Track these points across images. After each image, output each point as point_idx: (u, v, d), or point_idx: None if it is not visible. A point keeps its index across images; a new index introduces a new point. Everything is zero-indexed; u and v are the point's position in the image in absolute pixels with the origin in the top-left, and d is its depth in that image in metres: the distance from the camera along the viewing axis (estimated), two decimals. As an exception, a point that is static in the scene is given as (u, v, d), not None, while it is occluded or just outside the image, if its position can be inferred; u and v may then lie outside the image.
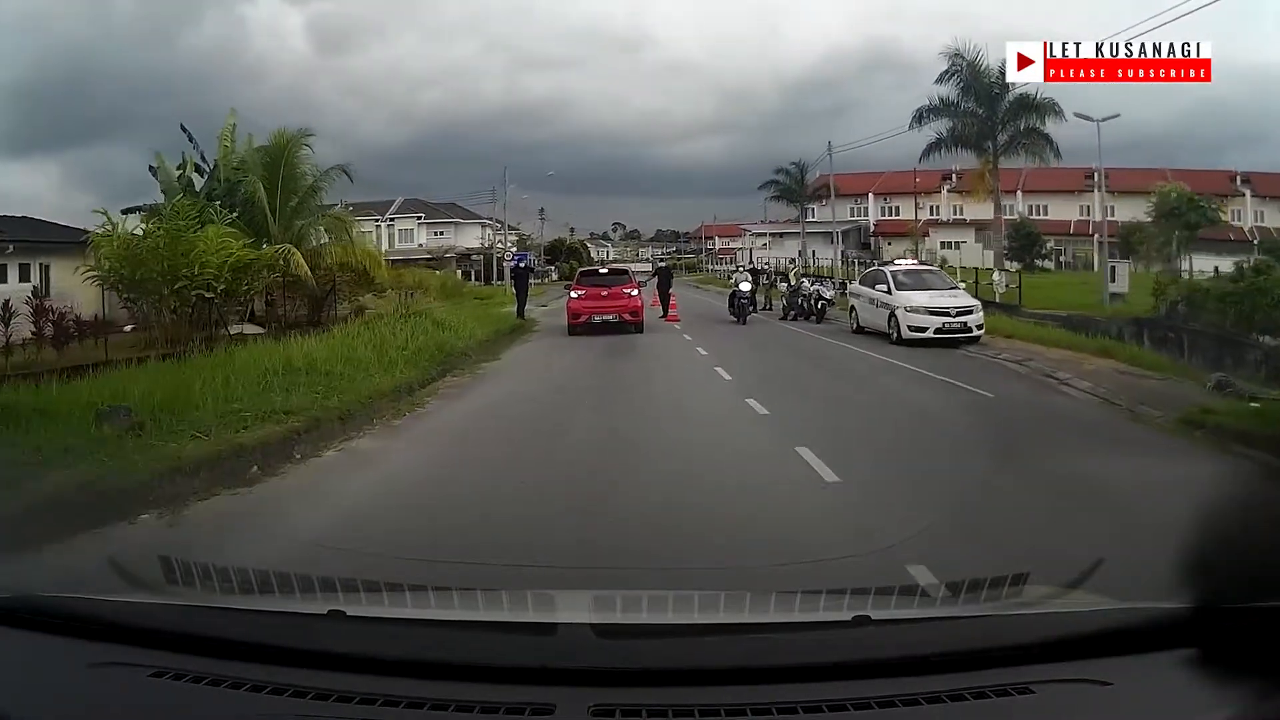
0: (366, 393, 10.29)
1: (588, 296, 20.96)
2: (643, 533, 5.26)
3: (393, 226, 71.02)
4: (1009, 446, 7.97)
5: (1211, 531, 1.87)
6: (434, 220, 70.96)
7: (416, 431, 9.31)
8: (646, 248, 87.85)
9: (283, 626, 1.87)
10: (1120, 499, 5.88)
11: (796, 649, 1.71)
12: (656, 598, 2.45)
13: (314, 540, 5.03)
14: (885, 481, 6.53)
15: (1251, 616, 1.59)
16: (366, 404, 9.83)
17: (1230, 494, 2.98)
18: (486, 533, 5.26)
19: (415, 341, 15.06)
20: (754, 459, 7.55)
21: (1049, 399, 11.40)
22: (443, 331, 17.05)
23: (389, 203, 71.61)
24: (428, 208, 70.94)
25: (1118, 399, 10.64)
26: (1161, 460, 7.66)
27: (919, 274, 20.05)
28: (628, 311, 20.68)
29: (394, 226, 71.10)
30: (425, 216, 70.97)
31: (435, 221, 70.95)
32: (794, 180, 55.70)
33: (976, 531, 5.09)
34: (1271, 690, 1.52)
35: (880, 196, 64.72)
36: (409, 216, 71.26)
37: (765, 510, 5.83)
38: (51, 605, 1.91)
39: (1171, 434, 8.77)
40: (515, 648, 1.70)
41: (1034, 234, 54.63)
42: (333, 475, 7.16)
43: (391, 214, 71.25)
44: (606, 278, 22.37)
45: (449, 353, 15.08)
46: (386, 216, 70.67)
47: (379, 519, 5.75)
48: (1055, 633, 1.73)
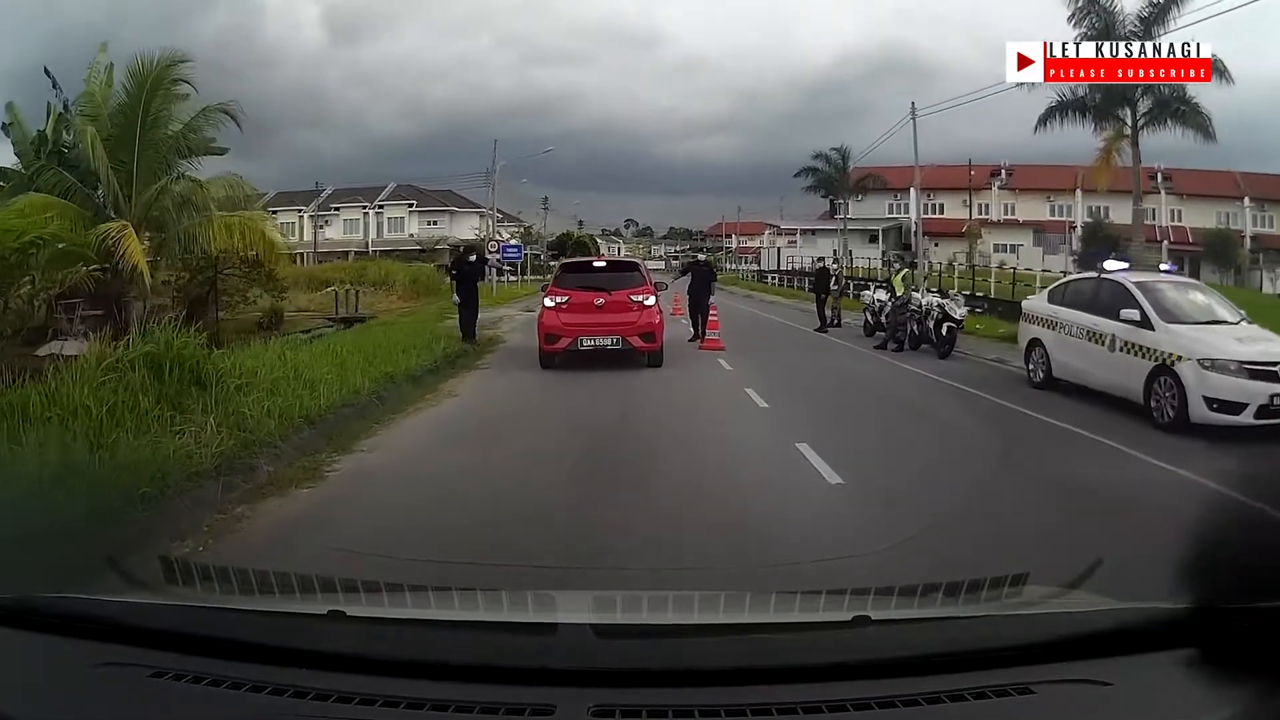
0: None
1: (572, 306, 15.02)
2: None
3: (381, 214, 71.42)
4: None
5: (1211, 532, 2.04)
6: (427, 208, 71.19)
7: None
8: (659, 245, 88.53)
9: (283, 626, 2.04)
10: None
11: (796, 649, 1.87)
12: (656, 598, 2.64)
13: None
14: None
15: (1251, 616, 1.75)
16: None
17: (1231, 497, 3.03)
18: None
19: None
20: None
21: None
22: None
23: (379, 189, 72.05)
24: (421, 195, 71.07)
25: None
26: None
27: (1186, 291, 12.38)
28: (637, 332, 14.73)
29: (383, 214, 71.50)
30: (418, 204, 71.18)
31: (428, 209, 71.20)
32: (834, 169, 53.99)
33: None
34: (1271, 690, 1.67)
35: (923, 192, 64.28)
36: (400, 203, 71.52)
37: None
38: (51, 605, 2.07)
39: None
40: (515, 648, 1.86)
41: (1113, 238, 53.41)
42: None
43: (381, 200, 71.63)
44: (603, 275, 15.97)
45: (254, 441, 7.81)
46: (375, 203, 71.12)
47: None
48: (1055, 633, 1.90)
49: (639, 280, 15.56)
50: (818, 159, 54.36)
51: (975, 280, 34.67)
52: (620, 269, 16.82)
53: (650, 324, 14.86)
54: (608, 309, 14.90)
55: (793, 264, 58.71)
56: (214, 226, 19.40)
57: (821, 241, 62.85)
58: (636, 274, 15.95)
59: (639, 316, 14.89)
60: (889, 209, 63.40)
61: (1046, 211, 60.63)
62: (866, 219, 60.00)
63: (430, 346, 15.70)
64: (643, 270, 16.35)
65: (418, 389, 12.36)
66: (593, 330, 14.74)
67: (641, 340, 14.73)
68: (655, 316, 15.04)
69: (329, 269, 48.83)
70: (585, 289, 15.22)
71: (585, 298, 15.04)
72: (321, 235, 68.90)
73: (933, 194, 63.73)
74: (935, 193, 63.60)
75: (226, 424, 7.74)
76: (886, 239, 59.45)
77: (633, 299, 15.02)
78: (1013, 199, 61.34)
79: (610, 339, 14.67)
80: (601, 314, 14.87)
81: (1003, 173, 60.25)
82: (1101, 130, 28.68)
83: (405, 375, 12.69)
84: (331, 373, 11.18)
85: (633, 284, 15.33)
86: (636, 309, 14.97)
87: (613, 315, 14.85)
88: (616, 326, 14.78)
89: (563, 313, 15.02)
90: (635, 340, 14.73)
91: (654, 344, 14.84)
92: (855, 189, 55.26)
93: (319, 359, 12.17)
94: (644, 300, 15.06)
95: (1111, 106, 27.53)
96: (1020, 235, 57.92)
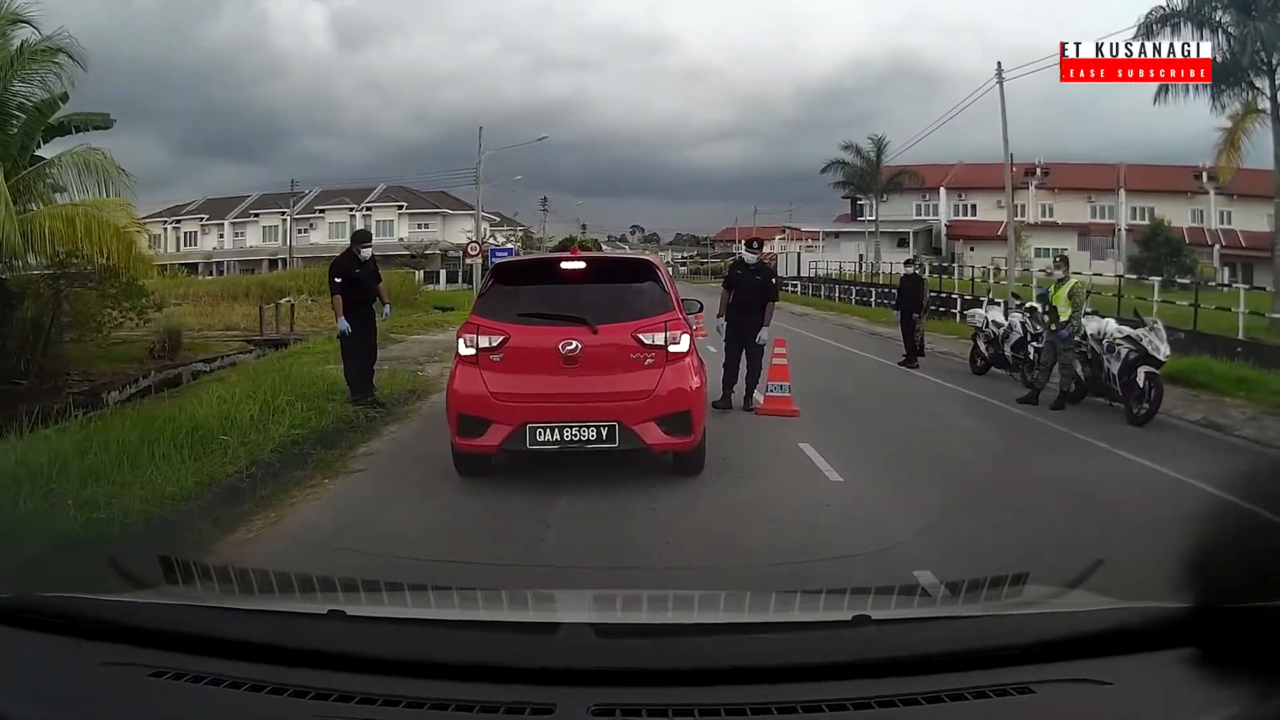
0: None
1: (514, 357, 8.11)
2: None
3: (369, 217, 71.55)
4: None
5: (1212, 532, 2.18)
6: (418, 210, 71.34)
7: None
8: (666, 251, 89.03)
9: (283, 626, 2.18)
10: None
11: (796, 649, 2.01)
12: (656, 598, 2.80)
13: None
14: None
15: (1251, 616, 1.87)
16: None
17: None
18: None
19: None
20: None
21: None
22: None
23: (367, 190, 72.34)
24: (412, 196, 71.19)
25: None
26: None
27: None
28: (654, 412, 7.96)
29: (371, 217, 71.62)
30: (408, 206, 71.32)
31: (420, 212, 71.37)
32: (866, 162, 52.34)
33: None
34: (1271, 690, 1.79)
35: (954, 192, 63.81)
36: (389, 205, 71.70)
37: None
38: (51, 605, 2.22)
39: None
40: (515, 647, 2.00)
41: (1176, 241, 51.70)
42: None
43: (369, 202, 71.86)
44: (582, 290, 8.53)
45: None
46: (363, 205, 71.38)
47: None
48: (1055, 632, 2.03)
49: (657, 299, 8.43)
50: (847, 150, 53.24)
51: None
52: (618, 275, 9.11)
53: (682, 392, 7.98)
54: (588, 363, 7.93)
55: (815, 270, 58.65)
56: (46, 221, 14.81)
57: (845, 245, 62.87)
58: (651, 286, 8.56)
59: (658, 378, 7.94)
60: (916, 210, 63.18)
61: (1088, 213, 60.51)
62: (895, 220, 59.64)
63: (289, 410, 10.16)
64: (662, 278, 8.74)
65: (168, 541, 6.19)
66: (556, 409, 7.85)
67: (664, 431, 7.88)
68: (690, 375, 8.13)
69: (285, 276, 47.98)
70: (541, 319, 8.19)
71: (541, 339, 8.04)
72: (306, 239, 69.09)
73: (964, 193, 63.68)
74: (966, 193, 63.46)
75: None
76: (917, 242, 59.23)
77: (642, 339, 8.01)
78: (1051, 199, 61.17)
79: (592, 428, 7.78)
80: (575, 374, 7.92)
81: (1037, 171, 59.98)
82: (1226, 106, 24.89)
83: (189, 492, 7.24)
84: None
85: (644, 307, 8.30)
86: (652, 361, 8.00)
87: (598, 377, 7.94)
88: (607, 400, 7.87)
89: (494, 371, 7.99)
90: (648, 430, 7.85)
91: (688, 436, 7.99)
92: (887, 186, 53.96)
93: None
94: (668, 342, 8.03)
95: (1239, 68, 24.03)
96: (1062, 238, 57.08)
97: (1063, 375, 13.03)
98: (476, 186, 49.67)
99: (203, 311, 38.22)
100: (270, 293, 39.54)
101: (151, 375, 20.68)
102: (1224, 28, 24.16)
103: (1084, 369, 12.95)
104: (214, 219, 75.08)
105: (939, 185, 62.69)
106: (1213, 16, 24.13)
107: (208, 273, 66.50)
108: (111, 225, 16.52)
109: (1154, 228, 53.19)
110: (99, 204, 16.91)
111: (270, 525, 7.04)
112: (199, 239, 75.42)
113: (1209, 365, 15.36)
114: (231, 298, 42.26)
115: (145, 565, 2.65)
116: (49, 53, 16.90)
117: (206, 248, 74.35)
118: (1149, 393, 11.67)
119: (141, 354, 23.35)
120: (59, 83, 17.69)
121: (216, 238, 75.21)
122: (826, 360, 19.33)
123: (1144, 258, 48.56)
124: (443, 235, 67.87)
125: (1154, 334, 12.18)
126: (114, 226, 16.61)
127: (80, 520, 6.25)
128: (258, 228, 73.37)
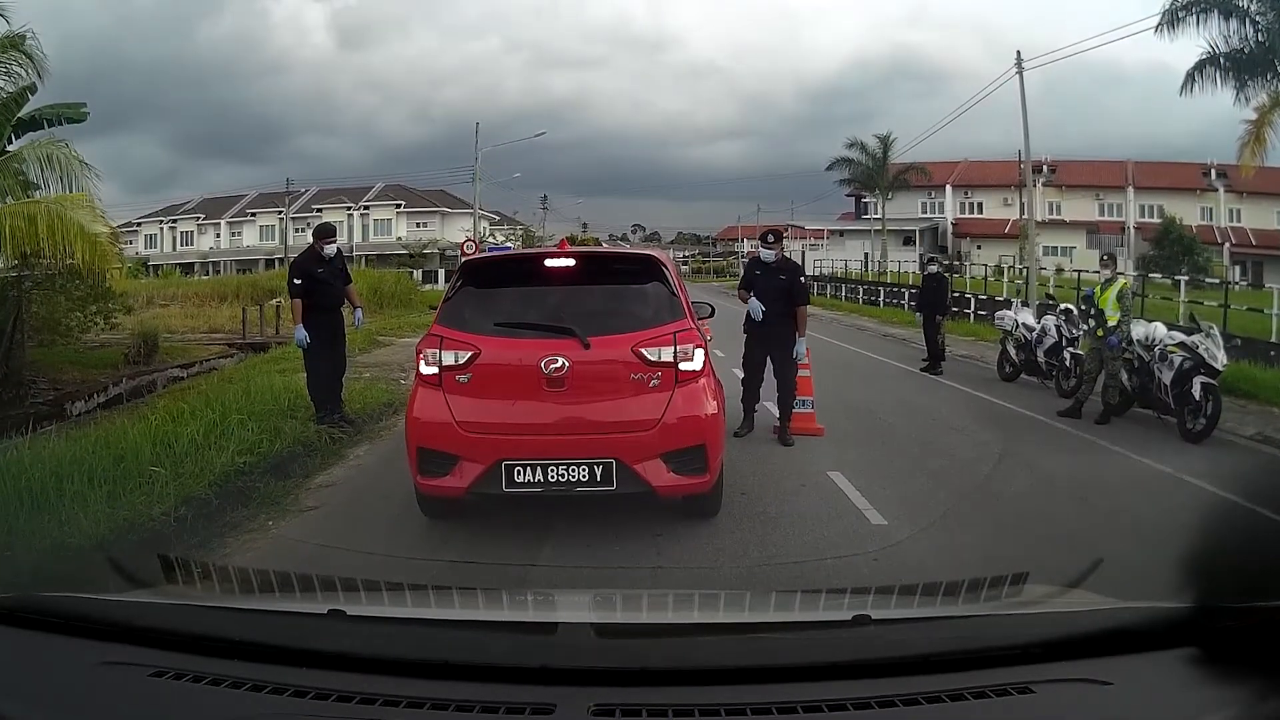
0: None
1: (484, 377, 6.59)
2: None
3: (367, 216, 71.74)
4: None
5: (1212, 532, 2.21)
6: (416, 209, 71.44)
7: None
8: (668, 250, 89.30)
9: (283, 626, 2.21)
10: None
11: (796, 649, 2.04)
12: (656, 598, 2.84)
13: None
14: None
15: (1251, 616, 1.91)
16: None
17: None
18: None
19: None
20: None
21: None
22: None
23: (365, 188, 72.48)
24: (410, 195, 71.32)
25: None
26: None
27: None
28: (659, 447, 6.43)
29: (369, 216, 71.81)
30: (406, 205, 71.44)
31: (418, 211, 71.48)
32: (872, 160, 52.16)
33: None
34: (1271, 690, 1.81)
35: (959, 189, 63.84)
36: (386, 204, 71.85)
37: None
38: (51, 605, 2.25)
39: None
40: (515, 648, 2.03)
41: (1188, 240, 51.39)
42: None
43: (367, 201, 71.99)
44: (571, 293, 7.00)
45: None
46: (361, 204, 71.50)
47: None
48: (1055, 632, 2.06)
49: (664, 304, 6.96)
50: (852, 147, 52.96)
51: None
52: (616, 275, 7.45)
53: (695, 421, 6.59)
54: (578, 385, 6.54)
55: (820, 268, 58.63)
56: (7, 220, 14.66)
57: (850, 243, 62.87)
58: (656, 288, 7.05)
59: (665, 403, 6.53)
60: (922, 208, 63.21)
61: (1095, 210, 60.52)
62: (900, 218, 59.57)
63: (238, 431, 9.01)
64: (670, 277, 7.13)
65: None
66: (539, 442, 6.47)
67: (672, 470, 6.48)
68: (705, 400, 6.71)
69: (277, 276, 46.55)
70: (520, 330, 6.80)
71: (520, 354, 6.65)
72: (303, 238, 69.10)
73: (969, 190, 63.69)
74: (972, 189, 63.45)
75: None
76: (922, 240, 59.23)
77: (645, 355, 6.60)
78: (1058, 197, 61.19)
79: (584, 467, 6.38)
80: (562, 400, 6.53)
81: (1044, 168, 59.94)
82: (1252, 97, 23.03)
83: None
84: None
85: (648, 314, 6.89)
86: (658, 383, 6.58)
87: (591, 403, 6.59)
88: (601, 431, 6.49)
89: (461, 396, 6.62)
90: (653, 469, 6.44)
91: (703, 476, 6.59)
92: (894, 183, 53.62)
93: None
94: (679, 358, 6.62)
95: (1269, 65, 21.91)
96: (1071, 236, 57.32)
97: (1107, 386, 11.97)
98: (474, 183, 48.72)
99: (190, 313, 37.73)
100: (261, 293, 38.97)
101: (123, 383, 20.18)
102: (1251, 16, 22.47)
103: (1130, 378, 11.98)
104: (210, 218, 75.33)
105: (945, 183, 62.65)
106: (1240, 4, 22.52)
107: (204, 272, 66.68)
108: (75, 223, 15.60)
109: (1165, 225, 53.02)
110: (61, 200, 16.18)
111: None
112: (195, 238, 75.67)
113: (1251, 372, 14.68)
114: (220, 298, 41.56)
115: (145, 565, 2.68)
116: (14, 40, 16.56)
117: (203, 247, 74.59)
118: (1205, 406, 10.75)
119: (117, 359, 22.80)
120: (25, 75, 17.29)
121: (213, 237, 75.46)
122: (843, 367, 18.13)
123: (1155, 256, 48.47)
124: (441, 234, 67.90)
125: (1210, 340, 11.23)
126: (78, 225, 15.65)
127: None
128: (254, 227, 73.57)
